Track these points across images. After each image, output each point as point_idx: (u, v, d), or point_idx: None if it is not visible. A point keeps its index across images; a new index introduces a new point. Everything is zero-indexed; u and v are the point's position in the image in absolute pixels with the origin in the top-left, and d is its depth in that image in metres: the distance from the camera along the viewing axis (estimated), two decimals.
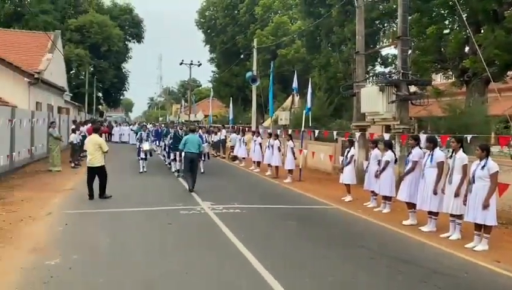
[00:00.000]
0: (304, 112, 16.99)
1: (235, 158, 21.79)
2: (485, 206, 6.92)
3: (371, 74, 15.94)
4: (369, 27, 25.05)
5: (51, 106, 24.63)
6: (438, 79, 25.12)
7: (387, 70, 24.23)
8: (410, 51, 19.66)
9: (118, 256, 6.22)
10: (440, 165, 8.09)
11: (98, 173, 10.33)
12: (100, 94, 51.45)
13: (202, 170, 15.92)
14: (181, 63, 51.25)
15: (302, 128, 16.42)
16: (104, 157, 10.50)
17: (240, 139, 21.03)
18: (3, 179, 12.87)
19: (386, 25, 26.21)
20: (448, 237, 7.74)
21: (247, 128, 25.10)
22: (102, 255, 6.26)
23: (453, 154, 7.81)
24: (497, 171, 7.02)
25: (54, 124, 17.07)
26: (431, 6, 18.08)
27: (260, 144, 18.12)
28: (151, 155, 16.56)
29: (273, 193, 12.72)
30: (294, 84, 21.90)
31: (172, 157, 16.44)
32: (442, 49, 18.45)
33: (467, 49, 17.54)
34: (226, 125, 29.58)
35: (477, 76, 16.42)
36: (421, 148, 8.90)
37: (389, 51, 26.96)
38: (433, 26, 17.54)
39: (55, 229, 7.54)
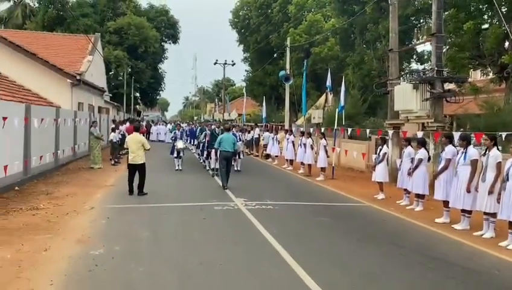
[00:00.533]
0: (337, 110, 16.98)
1: (268, 156, 22.03)
2: None
3: (406, 71, 15.69)
4: (403, 24, 24.68)
5: (91, 106, 25.64)
6: (477, 76, 24.42)
7: (422, 67, 23.76)
8: (446, 48, 19.34)
9: (156, 248, 6.58)
10: (474, 163, 8.03)
11: (138, 170, 10.79)
12: (138, 94, 52.86)
13: (238, 168, 16.17)
14: (215, 63, 51.94)
15: (335, 127, 16.45)
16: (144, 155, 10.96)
17: (273, 138, 21.24)
18: (49, 176, 13.61)
19: (422, 21, 25.76)
20: (482, 235, 7.68)
21: (280, 127, 25.28)
22: (142, 246, 6.63)
23: (487, 152, 7.74)
24: None
25: (95, 123, 17.82)
26: (468, 1, 17.69)
27: (293, 142, 18.28)
28: (183, 154, 16.73)
29: (306, 191, 12.87)
30: (328, 83, 21.92)
31: (205, 155, 16.70)
32: (480, 45, 18.01)
33: (506, 44, 17.06)
34: (259, 124, 29.84)
35: None
36: (454, 146, 8.83)
37: (425, 47, 26.46)
38: (470, 22, 17.13)
39: (98, 223, 8.01)
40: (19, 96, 15.45)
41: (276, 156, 20.83)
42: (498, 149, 7.71)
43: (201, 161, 18.17)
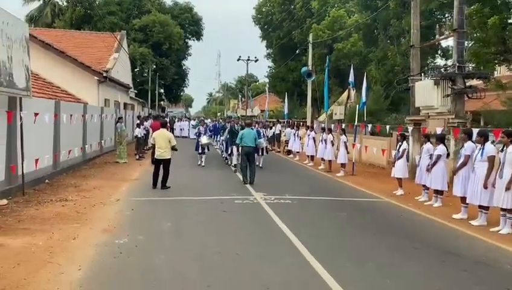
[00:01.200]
0: (357, 106, 17.00)
1: (289, 152, 22.21)
2: None
3: (430, 67, 15.52)
4: (427, 19, 24.40)
5: (117, 102, 26.29)
6: (505, 71, 23.91)
7: (448, 62, 23.46)
8: (471, 43, 19.06)
9: (177, 237, 6.90)
10: (491, 159, 8.05)
11: (164, 165, 11.12)
12: (162, 90, 53.68)
13: (260, 165, 16.14)
14: (238, 59, 52.30)
15: (356, 123, 16.49)
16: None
17: (294, 134, 21.40)
18: (77, 169, 14.18)
19: (446, 15, 25.40)
20: (498, 231, 7.71)
21: (301, 123, 25.37)
22: (164, 236, 6.96)
23: (504, 148, 7.75)
24: None
25: (121, 119, 18.35)
26: None
27: (314, 138, 18.40)
28: (208, 149, 16.93)
29: (325, 186, 13.02)
30: (351, 79, 21.88)
31: (229, 151, 16.64)
32: (506, 40, 17.68)
33: None
34: (280, 120, 30.00)
35: None
36: (473, 142, 8.84)
37: (449, 42, 26.08)
38: (495, 17, 16.86)
39: (123, 214, 8.39)
40: (49, 92, 16.05)
41: (298, 152, 20.98)
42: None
43: (224, 157, 18.32)
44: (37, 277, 5.07)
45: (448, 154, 10.11)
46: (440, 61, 27.99)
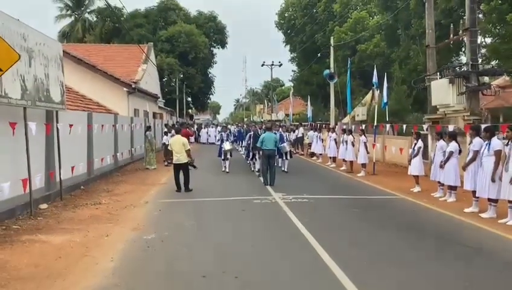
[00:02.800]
0: (376, 106, 17.32)
1: (312, 155, 22.63)
2: None
3: (444, 66, 15.62)
4: (448, 17, 24.36)
5: (146, 112, 27.38)
6: None
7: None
8: (491, 39, 19.01)
9: (199, 233, 7.55)
10: (497, 154, 8.35)
11: (183, 169, 11.86)
12: (189, 99, 55.01)
13: (285, 169, 16.22)
14: (262, 65, 53.15)
15: (375, 123, 16.82)
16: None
17: (317, 136, 21.83)
18: (109, 176, 15.10)
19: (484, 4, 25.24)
20: (506, 222, 7.99)
21: (324, 125, 25.73)
22: (187, 232, 7.63)
23: (509, 142, 8.04)
24: None
25: (150, 128, 19.29)
26: None
27: (335, 139, 18.80)
28: (231, 155, 16.73)
29: (344, 185, 13.45)
30: (374, 79, 22.13)
31: (251, 157, 16.80)
32: None
33: None
34: (303, 123, 30.43)
35: None
36: (481, 137, 9.12)
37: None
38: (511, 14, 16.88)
39: (151, 214, 9.13)
40: (82, 105, 17.11)
41: (320, 154, 21.39)
42: None
43: (249, 162, 18.18)
44: (76, 267, 5.80)
45: (460, 151, 10.37)
46: (464, 59, 27.79)
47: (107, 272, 5.62)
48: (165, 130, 21.63)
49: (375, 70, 22.04)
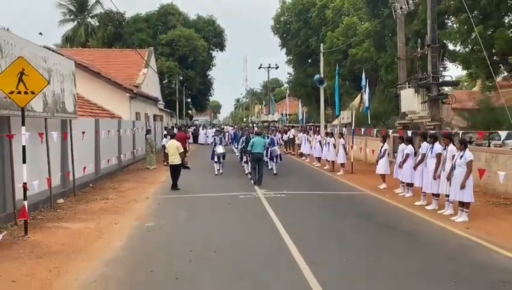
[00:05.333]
0: (354, 111, 19.04)
1: (302, 155, 24.36)
2: (462, 187, 8.88)
3: (415, 76, 17.28)
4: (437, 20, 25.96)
5: (147, 115, 29.11)
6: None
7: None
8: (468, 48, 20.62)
9: (191, 221, 9.31)
10: (438, 156, 10.07)
11: (175, 169, 13.52)
12: (189, 100, 56.77)
13: (275, 172, 16.88)
14: (260, 67, 54.85)
15: (353, 127, 18.55)
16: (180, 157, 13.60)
17: (305, 138, 23.56)
18: (114, 175, 16.84)
19: (452, 19, 26.91)
20: (443, 213, 9.72)
21: (311, 127, 27.43)
22: (181, 221, 9.39)
23: (446, 147, 9.77)
24: (472, 159, 8.94)
25: (150, 131, 21.03)
26: (483, 5, 19.02)
27: (320, 141, 20.52)
28: (224, 158, 17.24)
29: (322, 183, 15.19)
30: (363, 83, 23.80)
31: (244, 159, 17.28)
32: (493, 45, 19.31)
33: None
34: (295, 125, 32.12)
35: None
36: (428, 142, 10.83)
37: (458, 47, 27.45)
38: (480, 26, 18.61)
39: (151, 207, 10.87)
40: (88, 110, 18.80)
41: (308, 155, 23.12)
42: (454, 145, 9.69)
43: (243, 165, 18.25)
44: (93, 246, 7.55)
45: (415, 153, 12.07)
46: (448, 64, 29.38)
47: (117, 248, 7.36)
48: (165, 132, 23.34)
49: (363, 74, 23.77)
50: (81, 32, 51.35)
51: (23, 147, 8.07)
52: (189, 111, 62.81)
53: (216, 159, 17.06)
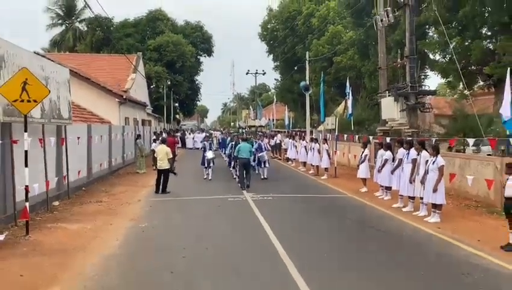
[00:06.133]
0: (336, 117, 19.82)
1: (288, 159, 25.06)
2: (434, 190, 9.64)
3: (394, 86, 18.22)
4: (415, 30, 27.03)
5: (136, 119, 29.55)
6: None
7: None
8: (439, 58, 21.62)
9: (183, 222, 9.91)
10: (413, 162, 10.82)
11: (164, 174, 13.99)
12: (177, 104, 57.19)
13: (264, 176, 17.43)
14: (247, 73, 55.61)
15: (336, 133, 19.33)
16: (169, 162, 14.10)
17: (291, 143, 24.29)
18: (106, 179, 17.29)
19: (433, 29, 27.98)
20: (418, 214, 10.46)
21: (296, 133, 28.19)
22: (173, 221, 9.98)
23: (420, 153, 10.53)
24: (443, 165, 9.71)
25: (139, 136, 21.51)
26: (458, 18, 20.06)
27: (305, 146, 21.25)
28: (213, 163, 17.45)
29: (306, 186, 15.88)
30: (347, 90, 24.63)
31: (232, 165, 17.54)
32: (470, 55, 20.31)
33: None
34: (281, 130, 32.83)
35: (501, 80, 18.27)
36: (404, 148, 11.59)
37: (437, 56, 28.51)
38: (457, 37, 19.62)
39: (144, 209, 11.42)
40: (79, 115, 19.22)
41: (294, 159, 23.84)
42: (427, 151, 10.46)
43: (231, 170, 18.34)
44: (91, 244, 8.09)
45: (393, 158, 12.81)
46: (429, 72, 30.49)
47: (114, 247, 7.92)
48: (154, 137, 23.83)
49: (347, 81, 24.61)
50: (69, 37, 51.52)
51: (25, 151, 8.57)
52: (177, 116, 63.20)
53: (206, 164, 17.30)
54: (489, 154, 14.45)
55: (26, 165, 8.60)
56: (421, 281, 6.17)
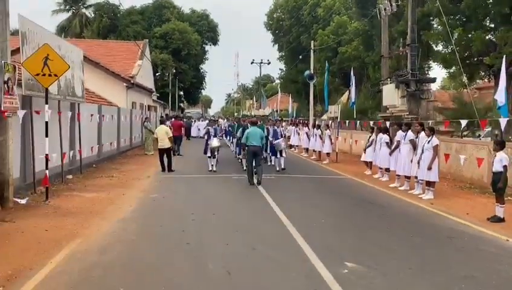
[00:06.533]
0: (340, 106, 20.34)
1: (291, 146, 25.60)
2: (429, 168, 10.20)
3: (396, 73, 18.62)
4: (420, 20, 27.32)
5: (143, 104, 30.14)
6: None
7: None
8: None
9: (191, 193, 10.54)
10: (411, 142, 11.37)
11: (166, 153, 14.49)
12: (181, 93, 57.73)
13: (283, 167, 15.22)
14: (252, 62, 55.95)
15: (338, 120, 19.85)
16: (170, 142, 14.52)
17: (294, 130, 24.83)
18: (114, 159, 17.90)
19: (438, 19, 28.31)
20: (413, 192, 11.03)
21: (300, 121, 28.72)
22: (181, 193, 10.62)
23: (418, 134, 11.08)
24: (438, 144, 10.28)
25: (148, 119, 22.11)
26: (460, 9, 20.42)
27: (307, 133, 21.79)
28: (218, 153, 15.09)
29: (307, 169, 16.47)
30: (352, 80, 25.09)
31: (242, 154, 14.61)
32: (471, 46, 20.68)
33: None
34: (284, 119, 33.36)
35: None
36: (403, 131, 12.12)
37: (439, 47, 28.88)
38: (459, 28, 20.01)
39: (153, 184, 12.05)
40: (88, 97, 19.70)
41: (297, 146, 24.40)
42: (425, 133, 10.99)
43: (240, 160, 16.41)
44: (107, 209, 8.71)
45: (391, 141, 13.32)
46: (432, 63, 30.89)
47: (128, 211, 8.55)
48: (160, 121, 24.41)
49: (351, 72, 25.08)
50: (75, 23, 51.85)
51: (46, 122, 9.17)
52: (181, 104, 63.75)
53: (209, 154, 14.81)
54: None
55: (46, 135, 9.21)
56: (409, 242, 6.76)
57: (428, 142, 10.35)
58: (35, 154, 9.87)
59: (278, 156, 15.32)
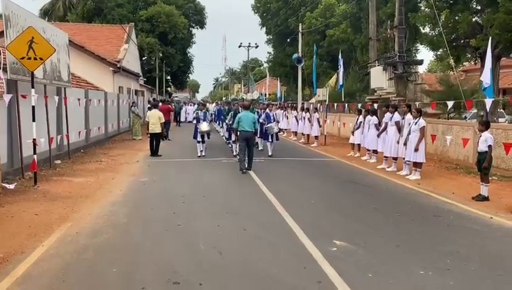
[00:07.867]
0: (327, 88, 20.40)
1: (280, 130, 25.63)
2: (416, 149, 10.35)
3: (383, 55, 18.78)
4: (407, 2, 27.36)
5: (130, 89, 29.85)
6: None
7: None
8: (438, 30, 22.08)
9: (180, 177, 10.56)
10: (397, 124, 11.51)
11: (156, 137, 14.58)
12: (169, 77, 57.21)
13: (270, 153, 14.87)
14: (239, 46, 55.69)
15: (326, 102, 19.93)
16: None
17: (282, 114, 24.86)
18: (101, 144, 17.80)
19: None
20: (400, 173, 11.20)
21: (289, 104, 28.77)
22: (169, 177, 10.63)
23: (405, 116, 11.20)
24: (424, 126, 10.41)
25: (135, 103, 21.92)
26: None
27: (295, 116, 21.86)
28: (208, 137, 14.84)
29: (296, 152, 16.58)
30: (340, 63, 25.10)
31: (233, 138, 13.96)
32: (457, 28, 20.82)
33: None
34: (273, 102, 33.37)
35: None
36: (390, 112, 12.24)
37: (426, 29, 29.00)
38: (446, 10, 20.10)
39: (143, 168, 12.03)
40: (74, 82, 19.45)
41: (285, 129, 24.46)
42: (411, 114, 11.12)
43: (230, 145, 16.21)
44: (97, 193, 8.71)
45: (379, 123, 13.45)
46: (420, 46, 31.03)
47: (118, 195, 8.56)
48: (149, 105, 24.23)
49: (339, 54, 25.09)
50: (59, 6, 50.73)
51: (33, 107, 9.07)
52: (169, 88, 63.22)
53: (199, 138, 14.49)
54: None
55: (33, 120, 9.11)
56: (396, 221, 6.90)
57: (416, 123, 10.48)
58: (23, 139, 9.78)
59: (270, 140, 15.12)
